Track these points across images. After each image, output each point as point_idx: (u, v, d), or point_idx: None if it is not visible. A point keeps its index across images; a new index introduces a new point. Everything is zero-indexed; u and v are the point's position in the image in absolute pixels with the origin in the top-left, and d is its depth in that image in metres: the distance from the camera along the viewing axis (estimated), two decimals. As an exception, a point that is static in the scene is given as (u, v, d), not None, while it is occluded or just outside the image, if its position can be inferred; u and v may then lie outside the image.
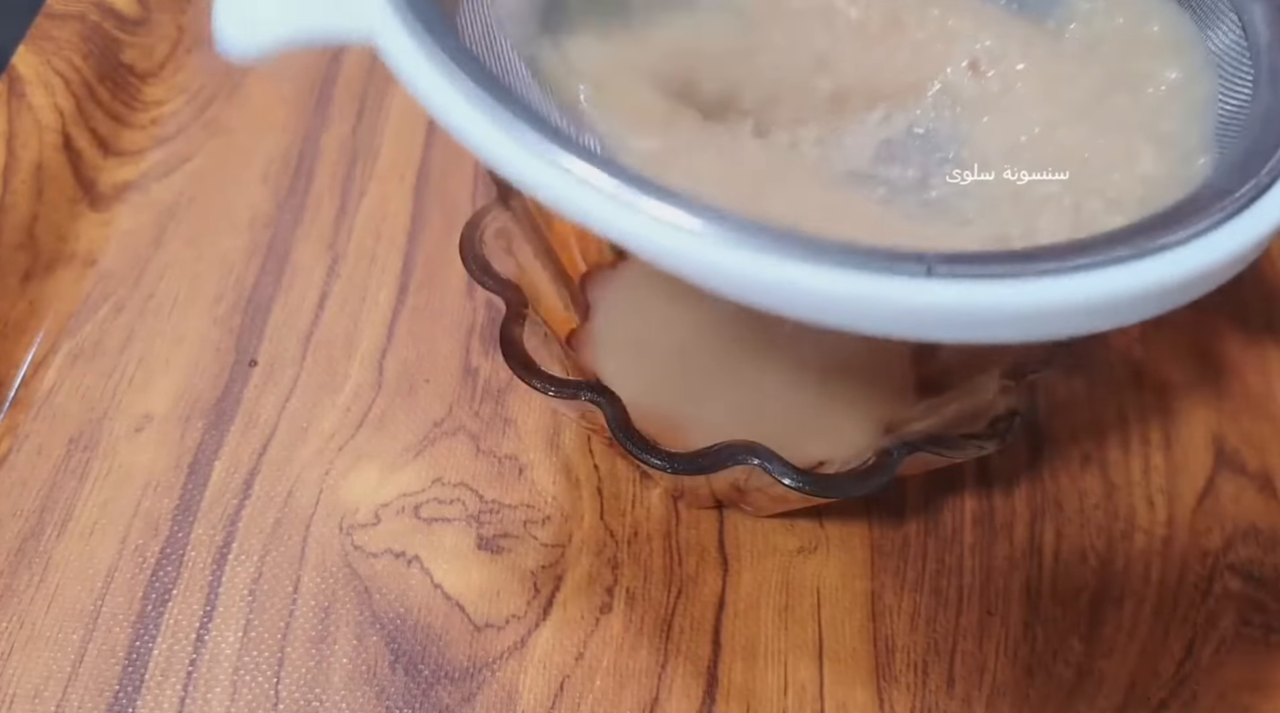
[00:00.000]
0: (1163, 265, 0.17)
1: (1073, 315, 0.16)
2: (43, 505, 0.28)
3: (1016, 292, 0.16)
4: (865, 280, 0.16)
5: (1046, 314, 0.16)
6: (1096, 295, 0.16)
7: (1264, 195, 0.18)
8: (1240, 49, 0.21)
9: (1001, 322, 0.16)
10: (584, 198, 0.16)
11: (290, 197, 0.35)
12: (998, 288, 0.16)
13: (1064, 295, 0.16)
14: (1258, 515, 0.29)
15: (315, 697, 0.26)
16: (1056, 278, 0.16)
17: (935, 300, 0.16)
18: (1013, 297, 0.16)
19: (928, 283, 0.16)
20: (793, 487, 0.22)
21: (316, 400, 0.30)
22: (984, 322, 0.16)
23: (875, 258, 0.16)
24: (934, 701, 0.26)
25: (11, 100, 0.34)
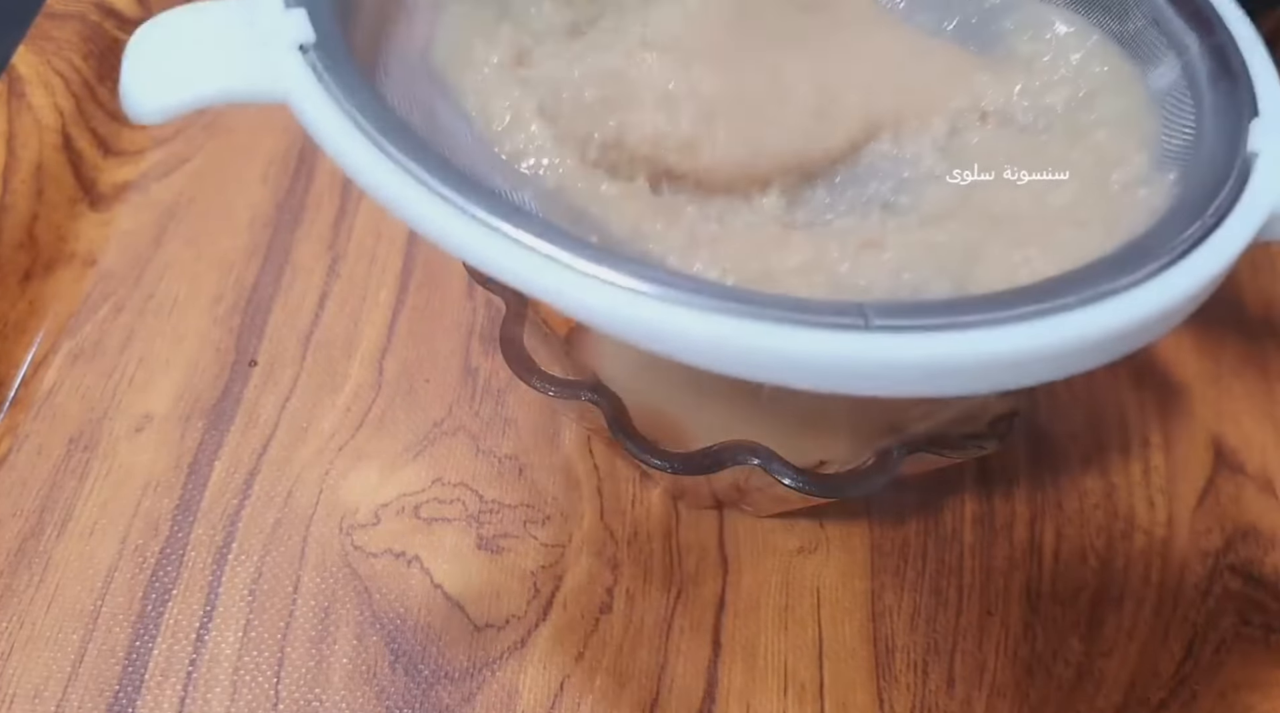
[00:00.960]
0: (1107, 313, 0.16)
1: (1013, 366, 0.16)
2: (43, 505, 0.28)
3: (957, 343, 0.16)
4: (803, 336, 0.15)
5: (988, 366, 0.16)
6: (1038, 345, 0.16)
7: (1209, 237, 0.18)
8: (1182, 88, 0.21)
9: (942, 374, 0.16)
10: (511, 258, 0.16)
11: (290, 197, 0.35)
12: (938, 340, 0.16)
13: (1005, 346, 0.16)
14: (1258, 515, 0.29)
15: (315, 697, 0.26)
16: (997, 328, 0.16)
17: (874, 354, 0.15)
18: (953, 348, 0.16)
19: (866, 336, 0.15)
20: (793, 487, 0.22)
21: (316, 400, 0.30)
22: (925, 375, 0.16)
23: (813, 312, 0.16)
24: (934, 701, 0.26)
25: (11, 100, 0.34)
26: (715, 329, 0.15)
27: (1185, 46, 0.21)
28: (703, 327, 0.16)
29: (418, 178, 0.16)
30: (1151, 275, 0.17)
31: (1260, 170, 0.19)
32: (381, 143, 0.17)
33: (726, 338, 0.16)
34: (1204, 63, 0.21)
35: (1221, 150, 0.19)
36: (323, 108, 0.17)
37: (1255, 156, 0.19)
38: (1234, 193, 0.18)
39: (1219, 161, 0.19)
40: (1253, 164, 0.19)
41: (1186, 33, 0.21)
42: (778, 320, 0.15)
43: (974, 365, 0.16)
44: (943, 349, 0.16)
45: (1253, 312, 0.33)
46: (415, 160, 0.16)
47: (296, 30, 0.18)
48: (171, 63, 0.17)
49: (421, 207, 0.16)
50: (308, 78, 0.17)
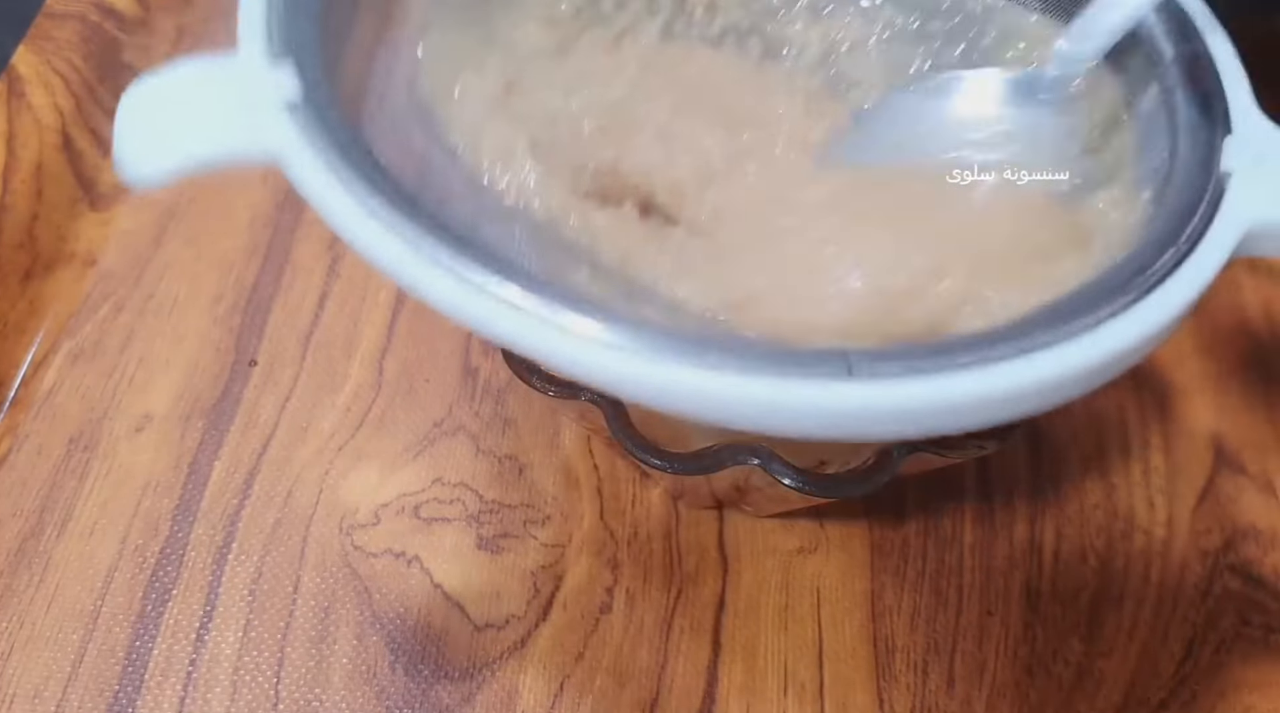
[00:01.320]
0: (1085, 348, 0.16)
1: (998, 404, 0.16)
2: (43, 505, 0.28)
3: (939, 387, 0.16)
4: (785, 385, 0.15)
5: (972, 406, 0.16)
6: (1021, 384, 0.16)
7: (1185, 262, 0.18)
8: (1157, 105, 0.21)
9: (924, 417, 0.16)
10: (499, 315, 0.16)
11: (290, 196, 0.35)
12: (921, 385, 0.16)
13: (985, 388, 0.16)
14: (1258, 515, 0.29)
15: (315, 697, 0.26)
16: (980, 370, 0.16)
17: (857, 401, 0.16)
18: (936, 392, 0.16)
19: (848, 385, 0.16)
20: (793, 487, 0.22)
21: (316, 400, 0.30)
22: (908, 417, 0.16)
23: (793, 361, 0.16)
24: (934, 701, 0.26)
25: (11, 100, 0.34)
26: (699, 382, 0.16)
27: (1160, 62, 0.21)
28: (687, 379, 0.16)
29: (407, 241, 0.16)
30: (1128, 306, 0.17)
31: (1234, 189, 0.19)
32: (371, 205, 0.17)
33: (705, 390, 0.16)
34: (1179, 79, 0.21)
35: (1195, 168, 0.19)
36: (313, 171, 0.17)
37: (1229, 176, 0.19)
38: (1209, 214, 0.18)
39: (1193, 180, 0.19)
40: (1226, 183, 0.19)
41: (1163, 47, 0.21)
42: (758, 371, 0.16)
43: (955, 407, 0.16)
44: (924, 394, 0.16)
45: (1252, 312, 0.33)
46: (406, 222, 0.16)
47: (284, 88, 0.17)
48: (161, 128, 0.17)
49: (410, 270, 0.16)
50: (297, 140, 0.17)
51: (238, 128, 0.17)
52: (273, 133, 0.17)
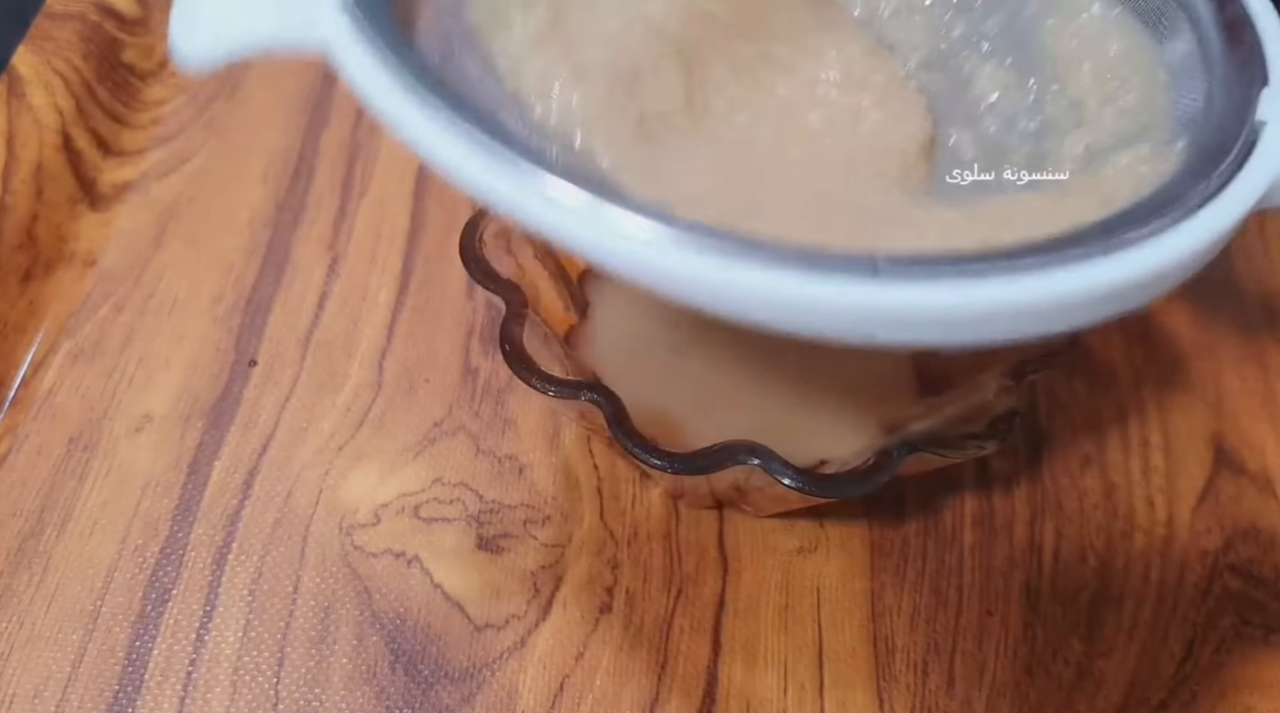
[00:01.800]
0: (1114, 267, 0.17)
1: (1024, 316, 0.16)
2: (42, 505, 0.28)
3: (964, 293, 0.16)
4: (811, 282, 0.16)
5: (991, 314, 0.16)
6: (1047, 296, 0.16)
7: (1213, 200, 0.18)
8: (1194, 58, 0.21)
9: (949, 323, 0.16)
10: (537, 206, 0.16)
11: (290, 197, 0.35)
12: (945, 289, 0.16)
13: (1010, 295, 0.16)
14: (1258, 515, 0.29)
15: (315, 697, 0.26)
16: (1007, 279, 0.16)
17: (882, 301, 0.16)
18: (958, 296, 0.16)
19: (874, 284, 0.16)
20: (793, 487, 0.22)
21: (316, 400, 0.30)
22: (932, 323, 0.16)
23: (821, 259, 0.16)
24: (934, 701, 0.26)
25: (11, 100, 0.34)
26: (725, 274, 0.16)
27: (1199, 16, 0.21)
28: (713, 271, 0.16)
29: (455, 129, 0.17)
30: (1159, 231, 0.17)
31: (1267, 138, 0.19)
32: (419, 94, 0.17)
33: (736, 283, 0.16)
34: (1217, 32, 0.21)
35: (1230, 118, 0.20)
36: (361, 59, 0.17)
37: (1263, 125, 0.19)
38: (1239, 159, 0.18)
39: (1227, 129, 0.19)
40: (1260, 133, 0.19)
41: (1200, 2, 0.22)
42: (786, 267, 0.16)
43: (975, 314, 0.16)
44: (949, 298, 0.16)
45: (1253, 311, 0.33)
46: (453, 111, 0.17)
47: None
48: (216, 13, 0.18)
49: (458, 159, 0.17)
50: (347, 29, 0.18)
51: (290, 16, 0.18)
52: (323, 22, 0.18)
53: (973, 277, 0.16)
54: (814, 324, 0.16)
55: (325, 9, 0.18)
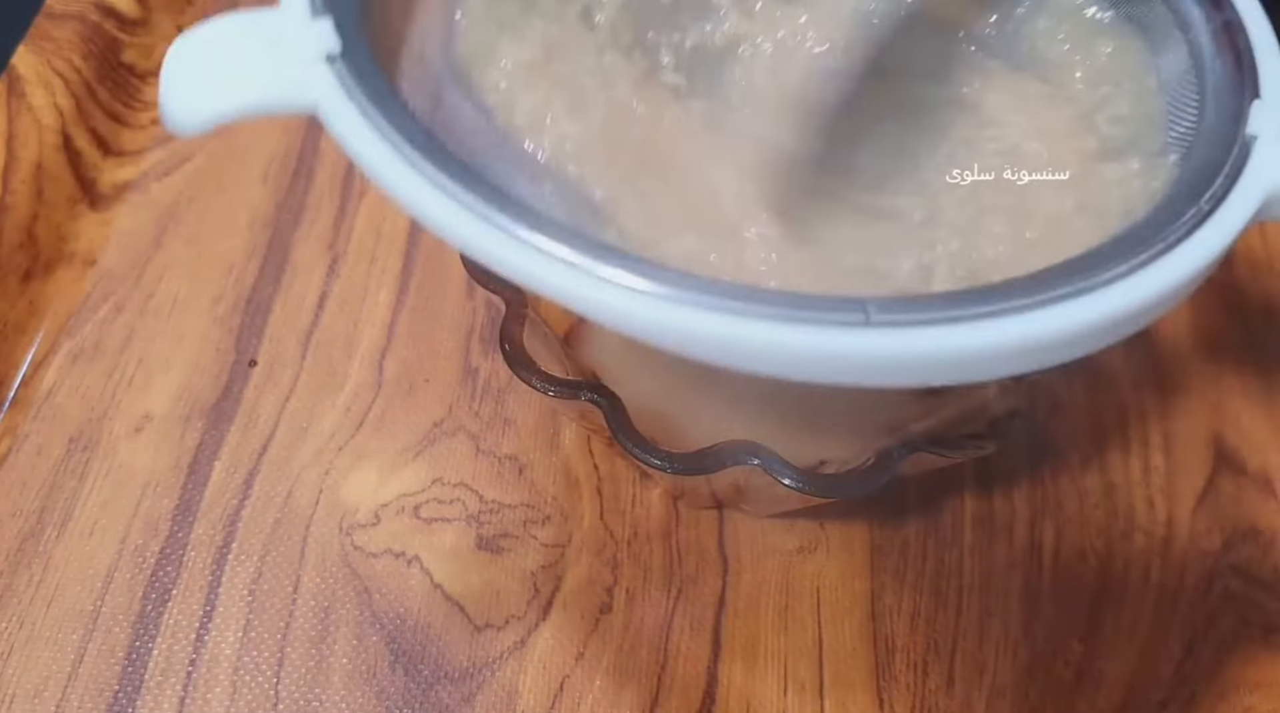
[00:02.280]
0: (1106, 300, 0.16)
1: (1013, 355, 0.16)
2: (42, 505, 0.28)
3: (954, 336, 0.16)
4: (804, 332, 0.16)
5: (988, 356, 0.16)
6: (1036, 335, 0.16)
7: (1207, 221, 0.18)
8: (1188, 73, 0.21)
9: (942, 366, 0.16)
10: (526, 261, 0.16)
11: (290, 196, 0.35)
12: (938, 333, 0.16)
13: (1003, 337, 0.16)
14: (1258, 516, 0.29)
15: (315, 697, 0.26)
16: (997, 320, 0.16)
17: (875, 349, 0.16)
18: (950, 340, 0.16)
19: (866, 332, 0.16)
20: (793, 487, 0.22)
21: (316, 400, 0.30)
22: (926, 367, 0.16)
23: (813, 308, 0.16)
24: (934, 701, 0.26)
25: (11, 100, 0.34)
26: (719, 327, 0.16)
27: (1191, 25, 0.21)
28: (706, 324, 0.16)
29: (443, 188, 0.17)
30: (1149, 262, 0.17)
31: (1259, 153, 0.19)
32: (407, 154, 0.17)
33: (730, 336, 0.16)
34: (1209, 43, 0.21)
35: (1222, 132, 0.19)
36: (350, 120, 0.17)
37: (1254, 139, 0.19)
38: (1232, 175, 0.18)
39: (1219, 144, 0.19)
40: (1252, 146, 0.19)
41: (1194, 11, 0.21)
42: (780, 318, 0.16)
43: (973, 357, 0.16)
44: (941, 343, 0.16)
45: (1253, 312, 0.33)
46: (441, 170, 0.17)
47: (323, 41, 0.18)
48: (205, 77, 0.18)
49: (448, 218, 0.17)
50: (335, 90, 0.18)
51: (278, 78, 0.18)
52: (312, 83, 0.18)
53: (964, 321, 0.16)
54: (807, 372, 0.16)
55: (313, 70, 0.18)
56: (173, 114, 0.18)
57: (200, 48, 0.18)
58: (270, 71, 0.18)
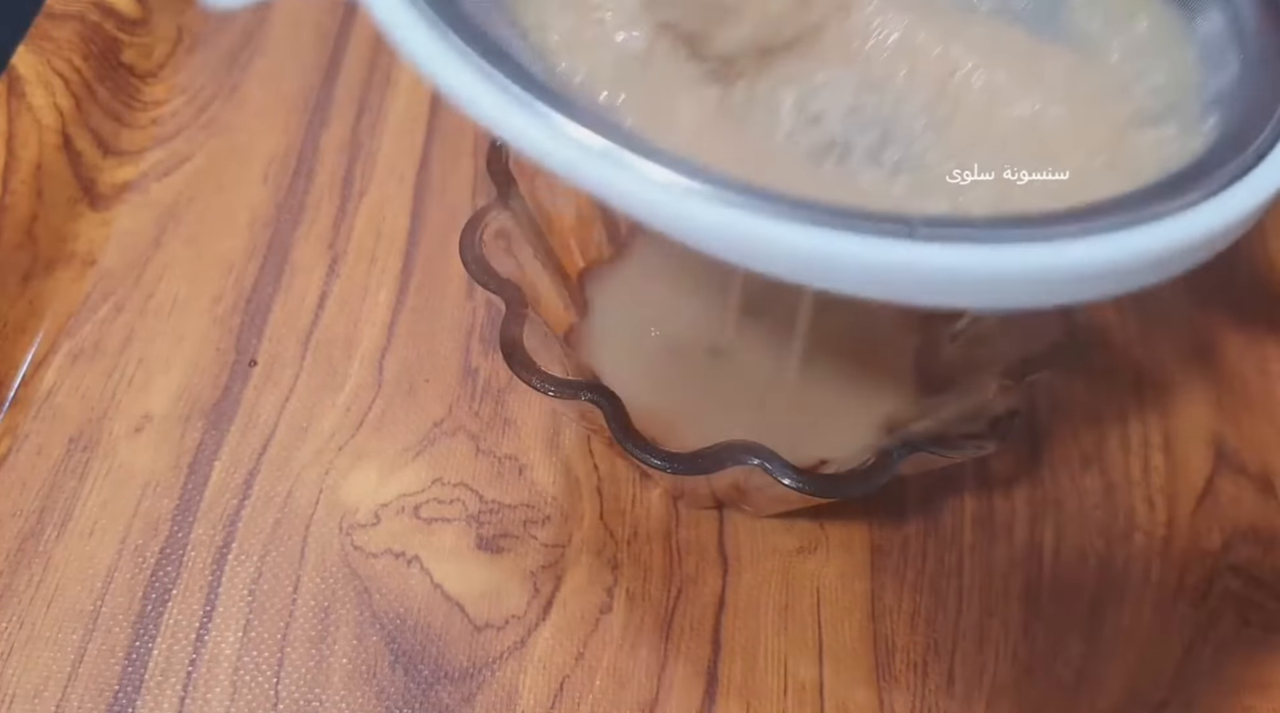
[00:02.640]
0: (1149, 235, 0.16)
1: (1058, 282, 0.16)
2: (42, 506, 0.28)
3: (999, 256, 0.16)
4: (848, 240, 0.16)
5: (1026, 279, 0.16)
6: (1083, 262, 0.16)
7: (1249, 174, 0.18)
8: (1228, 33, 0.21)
9: (983, 286, 0.16)
10: (570, 153, 0.16)
11: (290, 196, 0.35)
12: (980, 252, 0.16)
13: (1042, 261, 0.16)
14: (1258, 516, 0.29)
15: (315, 697, 0.26)
16: (1042, 244, 0.16)
17: (917, 261, 0.16)
18: (995, 261, 0.16)
19: (910, 244, 0.16)
20: (793, 487, 0.22)
21: (316, 400, 0.30)
22: (965, 285, 0.16)
23: (858, 218, 0.16)
24: (934, 701, 0.26)
25: (11, 100, 0.34)
26: (765, 231, 0.16)
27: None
28: (754, 228, 0.16)
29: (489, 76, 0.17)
30: (1194, 203, 0.17)
31: None
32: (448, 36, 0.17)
33: (776, 240, 0.16)
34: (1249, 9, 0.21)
35: (1264, 93, 0.19)
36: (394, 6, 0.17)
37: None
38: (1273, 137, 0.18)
39: (1260, 107, 0.19)
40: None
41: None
42: (824, 225, 0.16)
43: (1009, 278, 0.16)
44: (980, 261, 0.16)
45: (1253, 312, 0.33)
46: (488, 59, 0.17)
47: None
48: None
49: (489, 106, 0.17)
50: None
51: None
52: None
53: (1007, 241, 0.16)
54: (848, 282, 0.16)
55: None
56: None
57: None
58: None
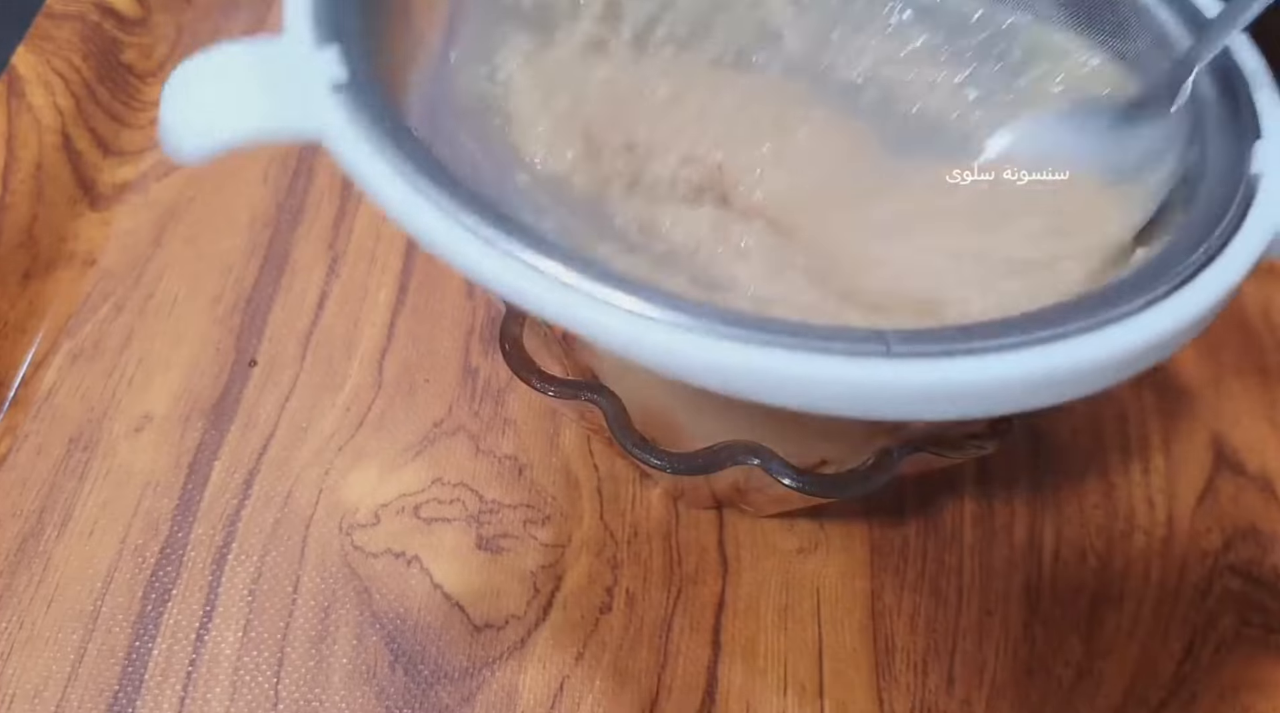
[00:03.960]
0: (1121, 335, 0.17)
1: (1029, 389, 0.16)
2: (42, 506, 0.28)
3: (972, 368, 0.16)
4: (823, 363, 0.16)
5: (1006, 388, 0.16)
6: (1058, 368, 0.16)
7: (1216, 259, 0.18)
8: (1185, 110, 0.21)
9: (960, 398, 0.16)
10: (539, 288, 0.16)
11: (290, 197, 0.35)
12: (957, 365, 0.16)
13: (1021, 370, 0.16)
14: (1258, 516, 0.29)
15: (315, 697, 0.26)
16: (1013, 353, 0.16)
17: (895, 380, 0.16)
18: (968, 373, 0.16)
19: (886, 363, 0.16)
20: (792, 487, 0.22)
21: (316, 400, 0.30)
22: (944, 399, 0.16)
23: (833, 339, 0.16)
24: (934, 701, 0.26)
25: (11, 100, 0.34)
26: (736, 357, 0.16)
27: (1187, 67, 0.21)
28: (723, 354, 0.16)
29: (452, 215, 0.17)
30: (1162, 298, 0.17)
31: (1264, 192, 0.19)
32: (416, 182, 0.17)
33: (747, 366, 0.16)
34: (1207, 85, 0.21)
35: (1225, 173, 0.19)
36: (359, 149, 0.17)
37: (1259, 178, 0.19)
38: (1239, 215, 0.18)
39: (1224, 184, 0.19)
40: (1257, 186, 0.19)
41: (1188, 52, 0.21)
42: (799, 348, 0.16)
43: (987, 389, 0.16)
44: (959, 374, 0.16)
45: (1253, 313, 0.33)
46: (450, 198, 0.17)
47: (330, 70, 0.18)
48: (208, 104, 0.17)
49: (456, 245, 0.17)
50: (342, 120, 0.17)
51: (285, 106, 0.17)
52: (319, 112, 0.17)
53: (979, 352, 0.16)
54: (823, 404, 0.16)
55: (318, 97, 0.17)
56: (174, 142, 0.17)
57: (201, 75, 0.18)
58: (274, 99, 0.17)
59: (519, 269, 0.16)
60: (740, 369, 0.16)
